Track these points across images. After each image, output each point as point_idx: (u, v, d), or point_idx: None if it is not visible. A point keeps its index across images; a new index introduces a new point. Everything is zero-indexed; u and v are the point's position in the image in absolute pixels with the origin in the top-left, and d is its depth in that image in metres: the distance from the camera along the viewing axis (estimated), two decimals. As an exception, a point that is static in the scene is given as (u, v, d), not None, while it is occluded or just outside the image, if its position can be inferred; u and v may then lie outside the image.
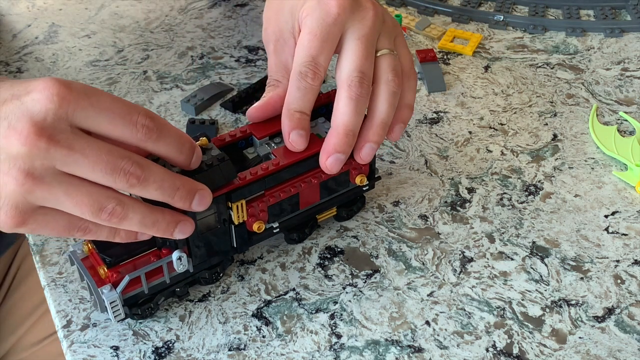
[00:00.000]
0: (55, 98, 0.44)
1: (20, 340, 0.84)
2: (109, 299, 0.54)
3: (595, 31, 0.87)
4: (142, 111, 0.47)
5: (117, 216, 0.47)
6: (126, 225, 0.48)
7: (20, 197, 0.45)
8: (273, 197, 0.57)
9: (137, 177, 0.46)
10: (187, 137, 0.50)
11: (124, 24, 0.90)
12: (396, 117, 0.59)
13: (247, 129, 0.59)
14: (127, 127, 0.47)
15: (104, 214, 0.47)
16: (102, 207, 0.47)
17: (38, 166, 0.44)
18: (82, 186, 0.46)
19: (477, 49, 0.84)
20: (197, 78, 0.81)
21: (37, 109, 0.44)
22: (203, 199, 0.51)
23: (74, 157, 0.45)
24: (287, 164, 0.56)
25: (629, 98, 0.78)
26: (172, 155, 0.49)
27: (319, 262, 0.62)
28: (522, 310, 0.58)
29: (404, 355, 0.55)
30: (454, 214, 0.66)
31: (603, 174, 0.69)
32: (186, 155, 0.50)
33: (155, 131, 0.47)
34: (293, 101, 0.56)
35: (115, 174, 0.46)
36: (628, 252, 0.62)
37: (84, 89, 0.46)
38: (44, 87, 0.45)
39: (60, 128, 0.44)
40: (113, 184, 0.46)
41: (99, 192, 0.46)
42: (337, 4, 0.55)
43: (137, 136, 0.47)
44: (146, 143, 0.48)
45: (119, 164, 0.46)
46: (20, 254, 0.87)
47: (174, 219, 0.51)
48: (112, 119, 0.46)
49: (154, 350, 0.56)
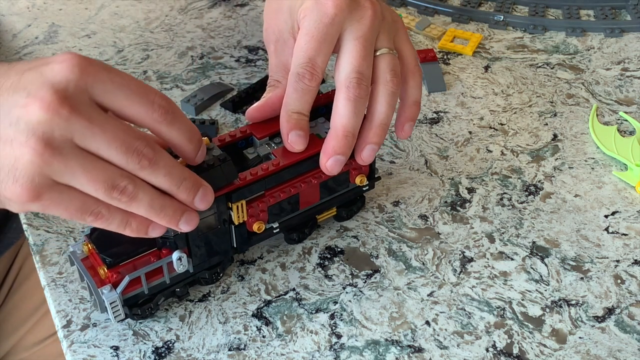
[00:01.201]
0: (76, 69, 0.44)
1: (22, 341, 0.84)
2: (109, 300, 0.53)
3: (595, 31, 0.87)
4: (159, 93, 0.47)
5: (129, 195, 0.46)
6: (135, 207, 0.48)
7: (38, 169, 0.44)
8: (273, 197, 0.57)
9: (149, 160, 0.46)
10: (197, 129, 0.50)
11: (124, 24, 0.90)
12: (405, 115, 0.59)
13: (247, 129, 0.59)
14: (144, 106, 0.46)
15: (116, 191, 0.46)
16: (115, 185, 0.46)
17: (57, 136, 0.43)
18: (98, 162, 0.45)
19: (477, 49, 0.84)
20: (197, 78, 0.81)
21: (58, 78, 0.44)
22: (205, 195, 0.51)
23: (93, 131, 0.44)
24: (287, 164, 0.56)
25: (629, 98, 0.78)
26: (182, 143, 0.49)
27: (319, 262, 0.62)
28: (522, 310, 0.58)
29: (404, 355, 0.55)
30: (454, 214, 0.66)
31: (603, 174, 0.69)
32: (194, 146, 0.50)
33: (171, 114, 0.47)
34: (291, 102, 0.56)
35: (129, 153, 0.45)
36: (628, 252, 0.62)
37: (103, 65, 0.46)
38: (64, 59, 0.44)
39: (82, 99, 0.44)
40: (125, 163, 0.46)
41: (113, 170, 0.46)
42: (334, 4, 0.55)
43: (153, 116, 0.47)
44: (160, 125, 0.47)
45: (134, 144, 0.45)
46: (22, 254, 0.87)
47: (180, 207, 0.50)
48: (130, 95, 0.46)
49: (154, 350, 0.56)
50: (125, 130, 0.45)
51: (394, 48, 0.58)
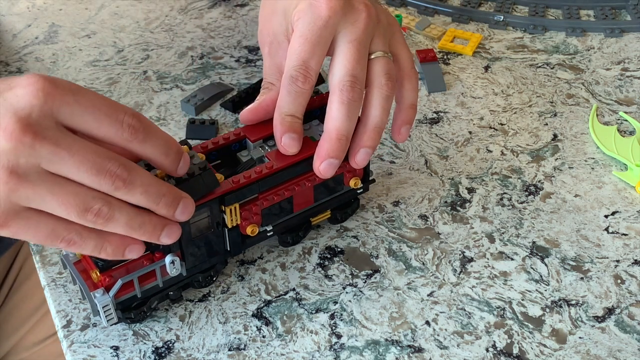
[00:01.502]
0: (40, 94, 0.43)
1: (22, 341, 0.84)
2: (102, 303, 0.53)
3: (595, 31, 0.87)
4: (129, 111, 0.46)
5: (104, 217, 0.46)
6: (112, 227, 0.47)
7: (4, 196, 0.44)
8: (267, 200, 0.57)
9: (123, 180, 0.45)
10: (174, 141, 0.49)
11: (124, 24, 0.90)
12: (401, 118, 0.59)
13: (240, 132, 0.59)
14: (113, 126, 0.45)
15: (90, 214, 0.45)
16: (88, 207, 0.45)
17: (23, 163, 0.43)
18: (68, 185, 0.45)
19: (477, 49, 0.84)
20: (197, 78, 0.81)
21: (21, 104, 0.43)
22: (186, 208, 0.50)
23: (60, 155, 0.44)
24: (281, 167, 0.56)
25: (629, 98, 0.78)
26: (158, 158, 0.48)
27: (319, 262, 0.62)
28: (522, 310, 0.58)
29: (404, 355, 0.55)
30: (454, 214, 0.66)
31: (603, 174, 0.69)
32: (172, 159, 0.49)
33: (142, 131, 0.46)
34: (284, 105, 0.55)
35: (101, 175, 0.45)
36: (628, 252, 0.62)
37: (69, 85, 0.45)
38: (28, 83, 0.43)
39: (46, 124, 0.43)
40: (98, 185, 0.45)
41: (85, 193, 0.45)
42: (327, 7, 0.55)
43: (123, 135, 0.46)
44: (132, 143, 0.46)
45: (105, 165, 0.45)
46: (22, 254, 0.87)
47: (160, 222, 0.49)
48: (98, 116, 0.45)
49: (154, 350, 0.56)
50: (96, 152, 0.45)
51: (390, 51, 0.58)
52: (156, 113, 0.76)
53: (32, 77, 0.44)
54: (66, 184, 0.45)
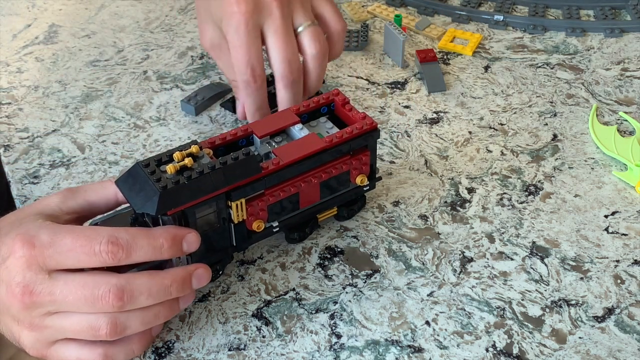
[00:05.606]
0: (22, 260, 0.49)
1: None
2: None
3: (595, 31, 0.87)
4: (104, 239, 0.49)
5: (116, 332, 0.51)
6: (130, 333, 0.52)
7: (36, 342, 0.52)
8: (273, 196, 0.57)
9: (120, 298, 0.49)
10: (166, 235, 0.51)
11: (124, 24, 0.90)
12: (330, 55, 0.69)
13: (248, 128, 0.59)
14: (92, 258, 0.49)
15: (101, 333, 0.50)
16: (96, 328, 0.50)
17: (36, 315, 0.50)
18: (72, 316, 0.50)
19: (477, 49, 0.84)
20: (197, 78, 0.81)
21: (13, 273, 0.49)
22: (201, 278, 0.54)
23: (58, 303, 0.49)
24: (288, 163, 0.56)
25: (629, 98, 0.78)
26: (152, 258, 0.51)
27: (319, 262, 0.62)
28: (522, 310, 0.58)
29: (404, 355, 0.55)
30: (454, 214, 0.66)
31: (603, 174, 0.69)
32: (168, 254, 0.52)
33: (123, 250, 0.50)
34: (250, 104, 0.67)
35: (97, 303, 0.49)
36: (628, 252, 0.62)
37: (47, 238, 0.50)
38: (12, 252, 0.49)
39: (38, 279, 0.49)
40: (101, 311, 0.50)
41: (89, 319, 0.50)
42: (240, 13, 0.63)
43: (106, 262, 0.50)
44: (118, 262, 0.50)
45: (96, 293, 0.49)
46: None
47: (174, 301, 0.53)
48: (77, 256, 0.49)
49: (154, 350, 0.56)
50: (85, 285, 0.49)
51: (314, 13, 0.66)
52: (156, 113, 0.76)
53: (15, 245, 0.49)
54: (71, 316, 0.50)
